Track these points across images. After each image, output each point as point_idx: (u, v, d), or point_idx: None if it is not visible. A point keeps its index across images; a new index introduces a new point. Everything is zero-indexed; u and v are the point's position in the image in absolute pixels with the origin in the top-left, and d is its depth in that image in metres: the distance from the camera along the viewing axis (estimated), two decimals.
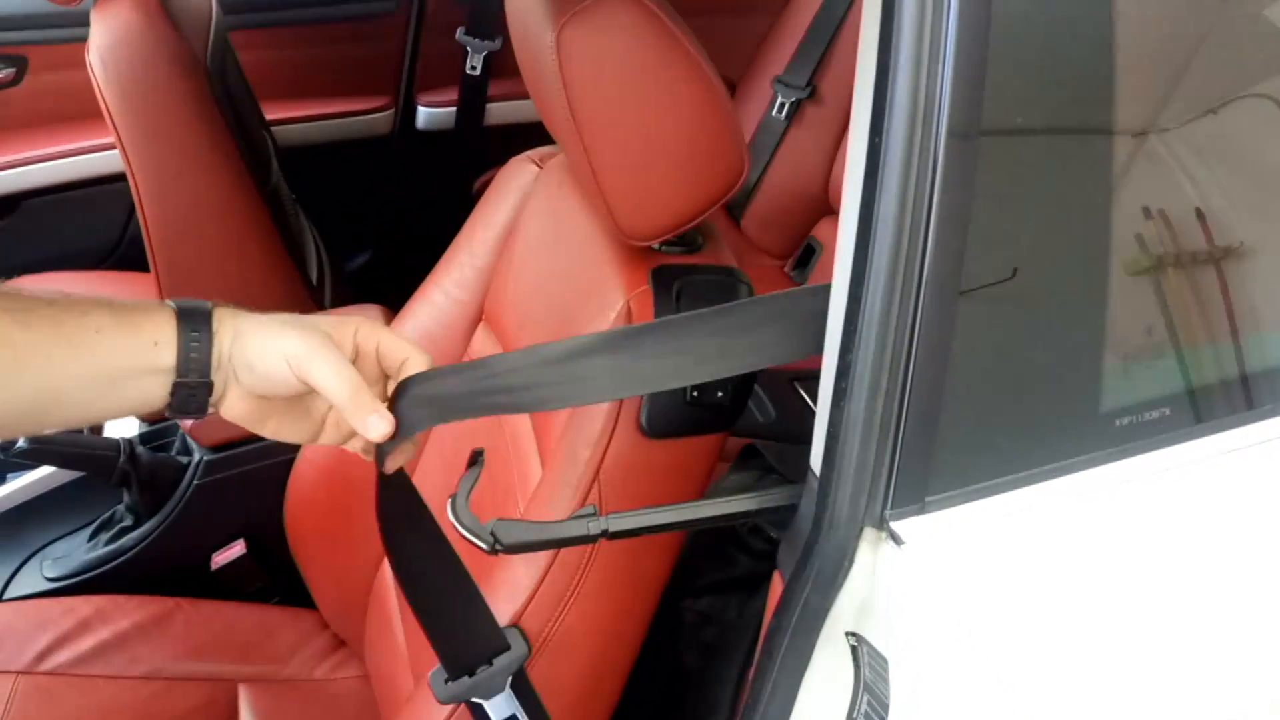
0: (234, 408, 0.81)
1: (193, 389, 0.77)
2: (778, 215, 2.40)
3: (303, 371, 0.78)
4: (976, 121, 0.73)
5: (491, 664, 0.97)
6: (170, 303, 0.78)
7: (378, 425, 0.79)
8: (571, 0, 0.94)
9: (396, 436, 0.80)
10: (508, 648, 0.98)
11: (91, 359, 0.74)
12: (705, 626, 1.44)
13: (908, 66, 0.71)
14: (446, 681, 0.96)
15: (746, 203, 2.43)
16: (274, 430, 0.83)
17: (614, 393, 0.86)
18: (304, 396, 0.82)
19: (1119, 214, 0.83)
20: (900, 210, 0.73)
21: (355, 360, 0.82)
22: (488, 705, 0.98)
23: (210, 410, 0.80)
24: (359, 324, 0.83)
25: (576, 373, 0.82)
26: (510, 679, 0.98)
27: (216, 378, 0.78)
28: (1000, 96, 0.74)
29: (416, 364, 0.83)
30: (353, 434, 0.84)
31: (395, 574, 0.91)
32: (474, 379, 0.83)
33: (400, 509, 0.87)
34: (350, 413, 0.79)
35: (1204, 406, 0.87)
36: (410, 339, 0.85)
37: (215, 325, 0.78)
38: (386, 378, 0.85)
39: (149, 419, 1.70)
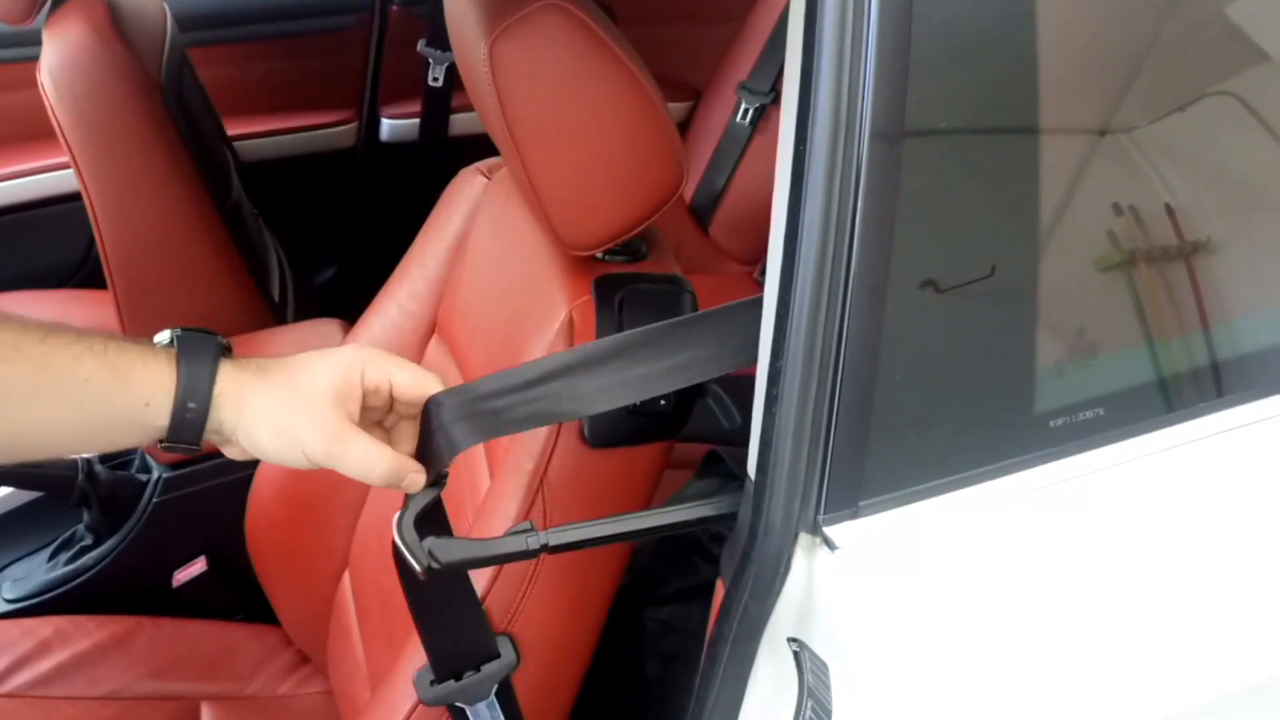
0: (236, 455, 0.80)
1: (181, 449, 0.77)
2: (745, 221, 2.41)
3: (331, 464, 0.78)
4: (900, 123, 0.74)
5: (479, 670, 0.98)
6: (174, 346, 0.76)
7: (416, 481, 0.82)
8: (503, 13, 0.94)
9: (432, 469, 0.83)
10: (498, 655, 0.99)
11: (76, 405, 0.73)
12: (667, 635, 1.45)
13: (829, 70, 0.71)
14: (432, 683, 0.97)
15: (714, 209, 2.43)
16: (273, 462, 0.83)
17: (625, 399, 0.86)
18: None
19: (1049, 215, 0.84)
20: (825, 215, 0.73)
21: (364, 399, 0.82)
22: (470, 711, 0.99)
23: None
24: (363, 365, 0.81)
25: (576, 389, 0.84)
26: (495, 687, 0.99)
27: (212, 437, 0.77)
28: (924, 98, 0.75)
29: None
30: None
31: (399, 574, 0.90)
32: (479, 396, 0.84)
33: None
34: (388, 486, 0.80)
35: (1139, 407, 0.88)
36: (421, 367, 0.84)
37: (215, 394, 0.76)
38: (392, 401, 0.84)
39: None
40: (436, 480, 0.84)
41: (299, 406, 0.78)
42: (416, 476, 0.81)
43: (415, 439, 0.85)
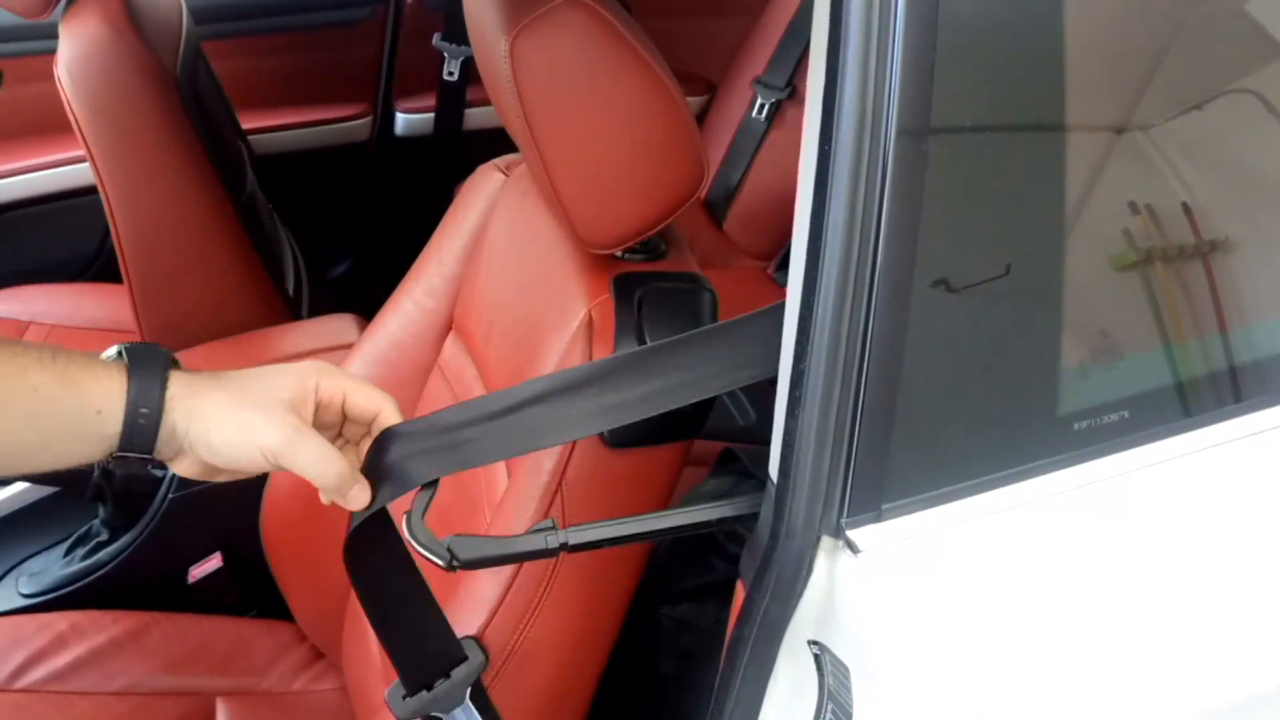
0: (187, 470, 0.79)
1: (133, 460, 0.76)
2: (760, 217, 2.40)
3: (283, 462, 0.77)
4: (925, 121, 0.73)
5: (449, 676, 0.96)
6: (124, 356, 0.76)
7: (359, 497, 0.80)
8: (524, 9, 0.93)
9: (378, 497, 0.81)
10: (465, 658, 0.97)
11: (24, 416, 0.72)
12: (683, 633, 1.44)
13: (855, 68, 0.71)
14: (405, 698, 0.95)
15: (729, 204, 2.42)
16: (226, 479, 0.82)
17: (601, 426, 0.86)
18: None
19: (1071, 213, 0.83)
20: (850, 214, 0.72)
21: (315, 412, 0.81)
22: (447, 719, 0.98)
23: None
24: (319, 377, 0.81)
25: (551, 416, 0.83)
26: (469, 690, 0.97)
27: (164, 448, 0.76)
28: (948, 96, 0.74)
29: (390, 416, 0.83)
30: None
31: (355, 589, 0.90)
32: (446, 428, 0.83)
33: (363, 524, 0.86)
34: (334, 492, 0.79)
35: (1165, 409, 0.87)
36: (377, 388, 0.84)
37: (168, 398, 0.75)
38: (343, 419, 0.83)
39: None
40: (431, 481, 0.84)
41: (254, 404, 0.77)
42: (361, 491, 0.80)
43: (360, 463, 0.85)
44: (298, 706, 1.47)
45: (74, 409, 0.73)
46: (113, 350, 0.77)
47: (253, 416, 0.77)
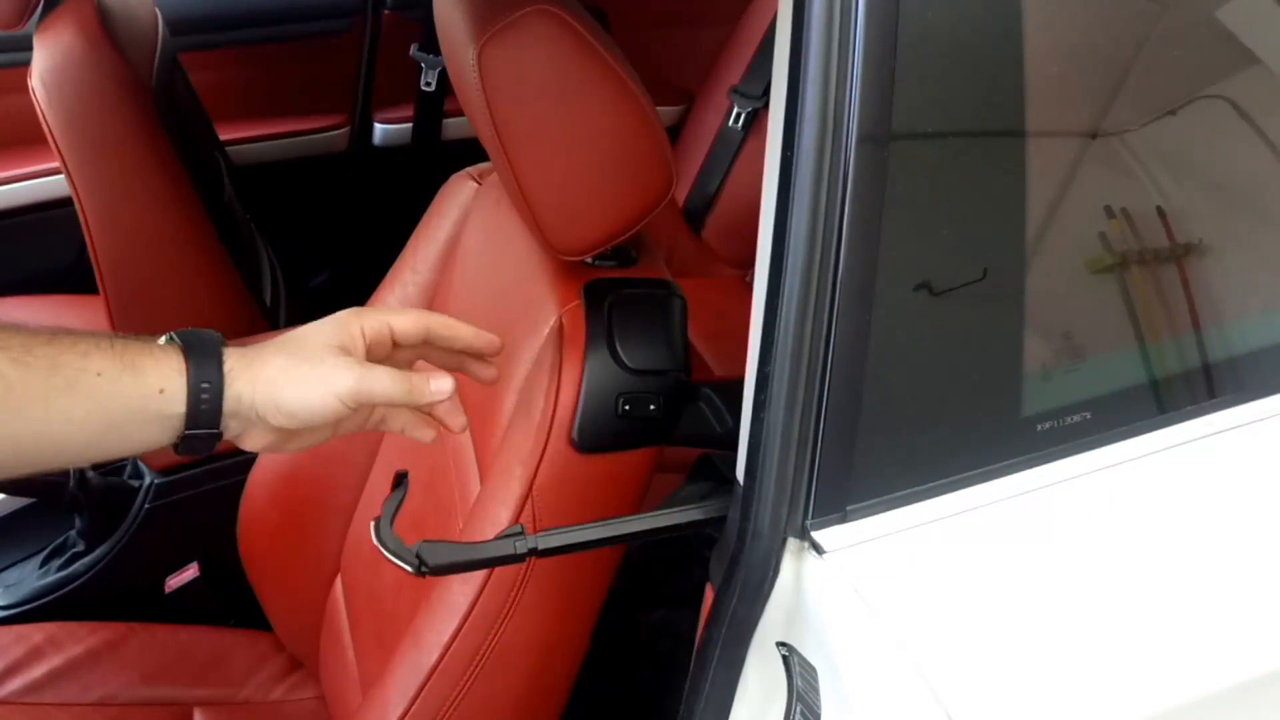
0: (257, 441, 0.80)
1: (201, 438, 0.76)
2: (738, 225, 2.41)
3: (362, 398, 0.78)
4: (886, 128, 0.74)
5: None
6: (178, 340, 0.76)
7: (443, 386, 0.82)
8: (492, 18, 0.94)
9: None
10: None
11: (91, 403, 0.72)
12: (660, 639, 1.45)
13: (816, 75, 0.72)
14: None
15: (707, 213, 2.43)
16: (298, 446, 0.83)
17: None
18: None
19: (1039, 218, 0.84)
20: (812, 219, 0.73)
21: (368, 351, 0.82)
22: None
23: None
24: (359, 319, 0.83)
25: None
26: None
27: (231, 423, 0.77)
28: (912, 102, 0.75)
29: (439, 321, 0.86)
30: (369, 415, 0.85)
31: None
32: None
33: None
34: (417, 400, 0.81)
35: (1125, 410, 0.88)
36: (415, 310, 0.87)
37: (226, 370, 0.76)
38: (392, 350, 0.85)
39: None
40: (398, 482, 0.85)
41: (314, 358, 0.78)
42: (443, 381, 0.82)
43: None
44: (275, 716, 1.46)
45: (137, 391, 0.73)
46: (162, 337, 0.78)
47: (318, 369, 0.78)
